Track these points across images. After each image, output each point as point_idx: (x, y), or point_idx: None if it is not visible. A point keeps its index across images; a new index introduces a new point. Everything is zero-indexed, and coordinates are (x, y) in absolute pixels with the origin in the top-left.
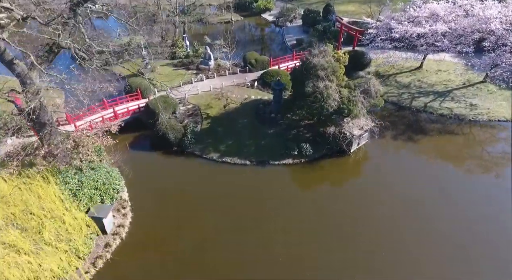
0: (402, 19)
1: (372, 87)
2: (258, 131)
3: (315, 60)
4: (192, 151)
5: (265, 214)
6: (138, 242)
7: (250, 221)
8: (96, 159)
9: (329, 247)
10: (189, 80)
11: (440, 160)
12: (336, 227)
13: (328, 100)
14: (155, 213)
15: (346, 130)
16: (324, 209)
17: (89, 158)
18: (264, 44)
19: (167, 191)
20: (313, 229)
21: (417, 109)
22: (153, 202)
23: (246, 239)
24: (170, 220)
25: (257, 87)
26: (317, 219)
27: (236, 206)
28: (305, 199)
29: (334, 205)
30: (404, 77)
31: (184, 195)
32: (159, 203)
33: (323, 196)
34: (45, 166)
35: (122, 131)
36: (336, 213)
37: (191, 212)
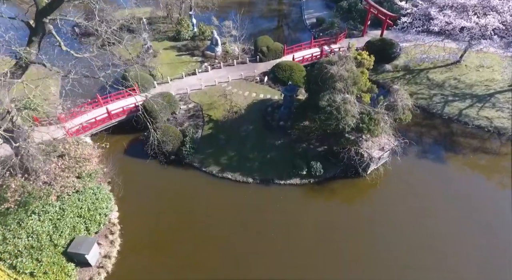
0: (445, 4)
1: (399, 101)
2: (264, 142)
3: (333, 70)
4: (190, 162)
5: (267, 245)
6: (125, 277)
7: (250, 249)
8: (85, 180)
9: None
10: (193, 71)
11: (474, 189)
12: (344, 268)
13: (345, 117)
14: (147, 238)
15: (364, 150)
16: (329, 244)
17: (76, 184)
18: (280, 23)
19: (161, 211)
20: (314, 266)
21: (450, 117)
22: (145, 224)
23: (244, 273)
24: (162, 248)
25: (267, 83)
26: (321, 255)
27: (236, 234)
28: (310, 230)
29: (343, 240)
30: (438, 73)
31: (180, 216)
32: (151, 226)
33: (330, 227)
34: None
35: (117, 132)
36: (343, 249)
37: (185, 239)
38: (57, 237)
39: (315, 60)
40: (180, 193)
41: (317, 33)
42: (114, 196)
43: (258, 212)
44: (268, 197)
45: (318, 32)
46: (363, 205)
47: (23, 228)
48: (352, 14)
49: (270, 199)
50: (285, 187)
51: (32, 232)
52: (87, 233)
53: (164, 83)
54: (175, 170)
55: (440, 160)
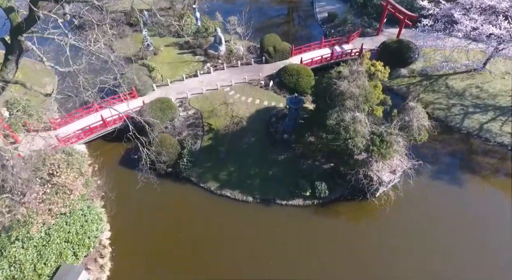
0: (471, 5)
1: (415, 121)
2: (267, 156)
3: (343, 86)
4: (188, 176)
5: (265, 273)
6: None
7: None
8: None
9: None
10: (195, 72)
11: (494, 217)
12: None
13: (354, 138)
14: (139, 262)
15: (374, 172)
16: (332, 274)
17: (62, 208)
18: (289, 17)
19: (156, 230)
20: None
21: (469, 132)
22: (138, 246)
23: None
24: (156, 273)
25: (272, 88)
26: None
27: (234, 260)
28: (312, 260)
29: (347, 270)
30: (458, 80)
31: (175, 236)
32: (145, 247)
33: (333, 257)
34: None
35: (113, 139)
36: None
37: (180, 261)
38: (41, 266)
39: (324, 63)
40: (176, 211)
41: (329, 29)
42: (106, 213)
43: (257, 238)
44: (268, 219)
45: (329, 28)
46: (370, 232)
47: (5, 257)
48: (367, 9)
49: (270, 221)
50: (287, 208)
51: (15, 262)
52: (75, 258)
53: (164, 86)
54: (172, 185)
55: (457, 182)
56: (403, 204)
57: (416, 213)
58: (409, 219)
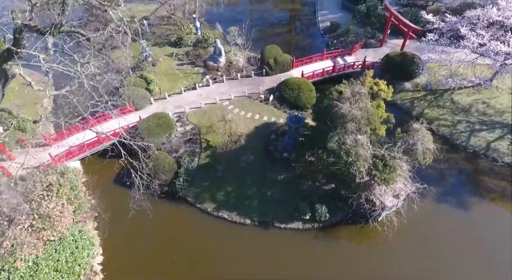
0: (478, 19)
1: (420, 145)
2: (265, 176)
3: (344, 109)
4: (184, 196)
5: None
6: None
7: None
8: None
9: None
10: (193, 85)
11: (502, 244)
12: None
13: (356, 162)
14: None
15: (376, 196)
16: None
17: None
18: (291, 25)
19: (150, 253)
20: None
21: (476, 151)
22: (131, 272)
23: None
24: None
25: (272, 103)
26: None
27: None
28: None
29: None
30: (464, 95)
31: (170, 260)
32: (139, 272)
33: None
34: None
35: (108, 153)
36: None
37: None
38: None
39: (326, 76)
40: (171, 234)
41: (331, 39)
42: (99, 236)
43: (255, 263)
44: (266, 243)
45: (331, 38)
46: (372, 258)
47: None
48: (371, 19)
49: (268, 246)
50: (286, 232)
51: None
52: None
53: (162, 99)
54: (168, 205)
55: (463, 206)
56: (407, 230)
57: (420, 238)
58: (412, 245)
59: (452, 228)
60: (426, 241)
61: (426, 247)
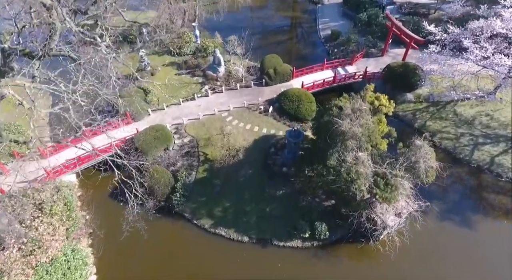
0: (481, 30)
1: (422, 163)
2: (264, 191)
3: (344, 126)
4: (181, 211)
5: None
6: None
7: None
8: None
9: None
10: (192, 95)
11: (508, 265)
12: None
13: (356, 180)
14: None
15: (378, 215)
16: None
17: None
18: (291, 33)
19: (146, 272)
20: None
21: (479, 165)
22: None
23: None
24: None
25: (272, 114)
26: None
27: None
28: None
29: None
30: (467, 106)
31: (166, 278)
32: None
33: None
34: None
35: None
36: None
37: None
38: None
39: (327, 86)
40: (167, 251)
41: (332, 48)
42: (93, 254)
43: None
44: (264, 262)
45: (332, 47)
46: (372, 279)
47: None
48: (372, 27)
49: (266, 265)
50: (284, 250)
51: None
52: None
53: (160, 110)
54: (164, 221)
55: (467, 223)
56: (409, 249)
57: (422, 258)
58: (415, 265)
59: (456, 247)
60: (429, 261)
61: (428, 267)
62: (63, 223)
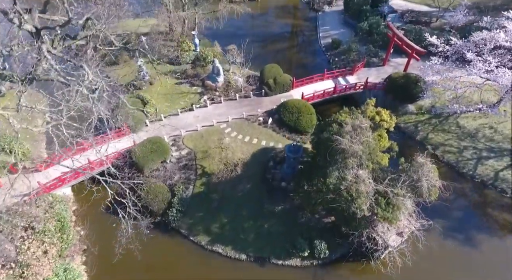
0: (484, 41)
1: (424, 181)
2: (262, 207)
3: (344, 144)
4: (177, 227)
5: None
6: None
7: None
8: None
9: None
10: (190, 106)
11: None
12: None
13: (357, 199)
14: None
15: (379, 234)
16: None
17: None
18: (292, 41)
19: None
20: None
21: (483, 180)
22: None
23: None
24: None
25: (271, 126)
26: None
27: None
28: None
29: None
30: (470, 119)
31: None
32: None
33: None
34: None
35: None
36: None
37: None
38: None
39: (327, 97)
40: (163, 268)
41: (332, 57)
42: (86, 271)
43: None
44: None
45: (333, 56)
46: None
47: None
48: (373, 36)
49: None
50: (283, 269)
51: None
52: None
53: (158, 121)
54: (160, 237)
55: (471, 242)
56: (411, 269)
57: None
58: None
59: (459, 267)
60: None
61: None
62: (55, 243)
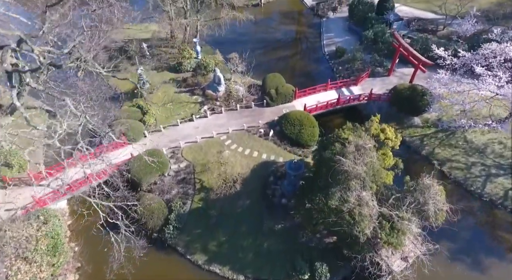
0: (494, 54)
1: (431, 205)
2: (262, 224)
3: (347, 165)
4: (174, 244)
5: None
6: None
7: None
8: None
9: None
10: (190, 116)
11: None
12: None
13: (360, 223)
14: None
15: (383, 258)
16: None
17: None
18: (295, 49)
19: None
20: None
21: (492, 200)
22: None
23: None
24: None
25: (272, 138)
26: None
27: None
28: None
29: None
30: (478, 133)
31: None
32: None
33: None
34: None
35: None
36: None
37: None
38: None
39: (330, 108)
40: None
41: (336, 66)
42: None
43: None
44: None
45: (337, 64)
46: None
47: None
48: (378, 45)
49: None
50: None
51: None
52: None
53: (157, 132)
54: (156, 255)
55: (479, 267)
56: None
57: None
58: None
59: None
60: None
61: None
62: (48, 263)
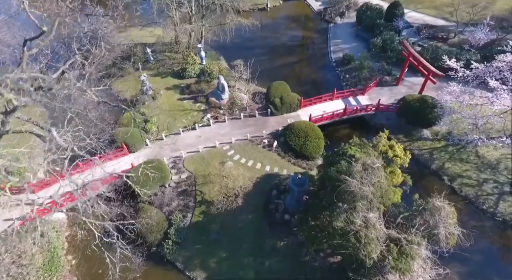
0: (509, 65)
1: (442, 227)
2: (264, 241)
3: (354, 186)
4: (173, 260)
5: None
6: None
7: None
8: None
9: None
10: (193, 125)
11: None
12: None
13: (366, 247)
14: None
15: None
16: None
17: None
18: (300, 55)
19: None
20: None
21: (505, 220)
22: None
23: None
24: None
25: (276, 150)
26: None
27: None
28: None
29: None
30: (490, 148)
31: None
32: None
33: None
34: None
35: None
36: None
37: None
38: None
39: (336, 119)
40: None
41: (343, 73)
42: None
43: None
44: None
45: (344, 72)
46: None
47: None
48: (387, 53)
49: None
50: None
51: None
52: None
53: (159, 140)
54: (154, 270)
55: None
56: None
57: None
58: None
59: None
60: None
61: None
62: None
